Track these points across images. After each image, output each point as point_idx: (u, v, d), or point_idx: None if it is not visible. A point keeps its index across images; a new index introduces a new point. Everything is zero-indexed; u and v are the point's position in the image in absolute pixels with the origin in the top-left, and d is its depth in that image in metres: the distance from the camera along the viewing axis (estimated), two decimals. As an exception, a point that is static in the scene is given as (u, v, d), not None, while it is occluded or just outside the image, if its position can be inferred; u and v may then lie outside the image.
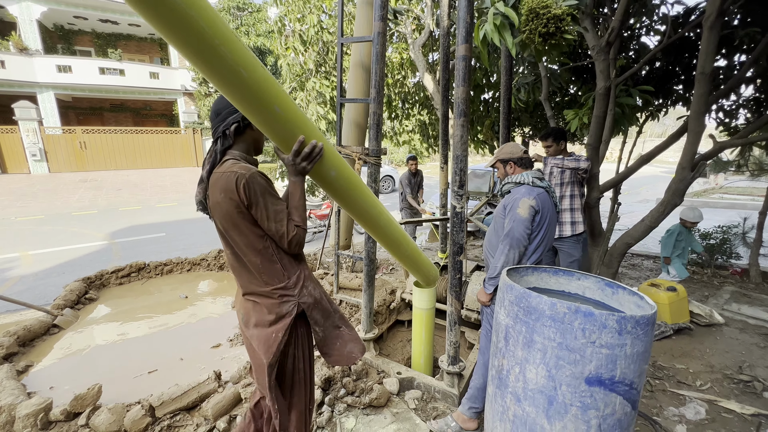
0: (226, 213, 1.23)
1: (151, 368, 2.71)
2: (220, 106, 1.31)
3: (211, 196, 1.26)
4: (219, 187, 1.22)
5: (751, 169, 4.62)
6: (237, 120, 1.29)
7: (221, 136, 1.30)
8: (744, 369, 2.60)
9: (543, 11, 2.06)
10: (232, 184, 1.19)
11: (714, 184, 13.52)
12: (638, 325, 1.32)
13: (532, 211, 1.85)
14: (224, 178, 1.21)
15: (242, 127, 1.32)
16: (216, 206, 1.25)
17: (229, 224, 1.25)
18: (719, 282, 4.31)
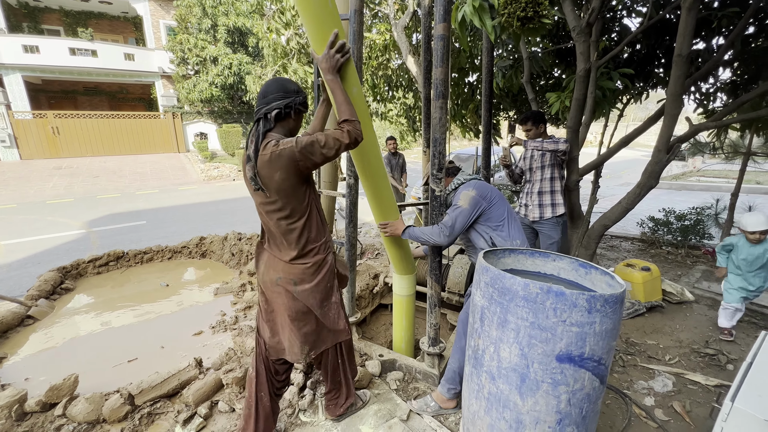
0: (283, 184, 1.41)
1: (131, 357, 2.68)
2: (269, 90, 1.45)
3: (266, 171, 1.41)
4: (276, 165, 1.38)
5: (726, 151, 4.74)
6: (280, 107, 1.44)
7: (263, 117, 1.45)
8: (710, 343, 2.73)
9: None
10: (284, 157, 1.38)
11: (692, 168, 13.89)
12: (607, 303, 1.35)
13: (473, 201, 1.94)
14: (276, 157, 1.38)
15: (283, 114, 1.47)
16: (271, 181, 1.41)
17: (285, 193, 1.44)
18: (692, 261, 4.47)
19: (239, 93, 16.42)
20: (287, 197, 1.45)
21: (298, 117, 1.54)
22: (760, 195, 9.15)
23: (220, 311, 3.30)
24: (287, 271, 1.56)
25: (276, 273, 1.58)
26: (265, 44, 6.95)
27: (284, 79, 1.50)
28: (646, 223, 5.16)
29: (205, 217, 7.60)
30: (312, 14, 1.42)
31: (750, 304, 3.33)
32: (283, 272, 1.56)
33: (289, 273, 1.56)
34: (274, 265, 1.58)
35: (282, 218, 1.48)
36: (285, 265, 1.56)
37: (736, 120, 3.28)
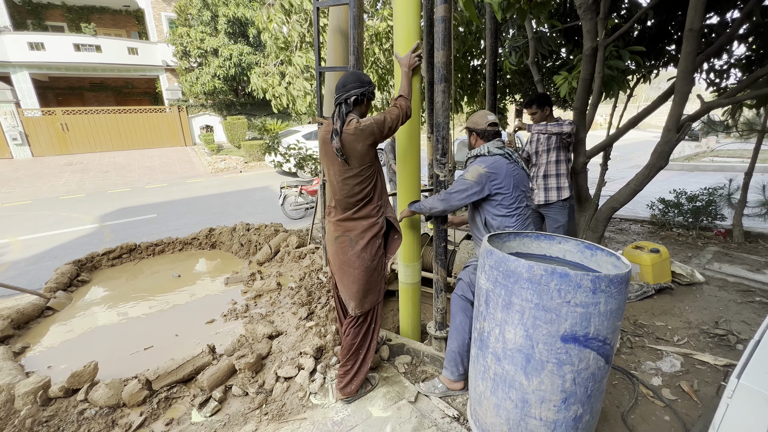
0: (363, 154, 1.77)
1: (147, 345, 2.77)
2: (348, 80, 1.80)
3: (351, 144, 1.75)
4: (360, 138, 1.74)
5: (741, 130, 4.61)
6: (357, 94, 1.79)
7: (343, 102, 1.78)
8: (720, 324, 2.71)
9: None
10: (372, 129, 1.75)
11: (705, 148, 13.53)
12: (611, 283, 1.35)
13: (479, 178, 1.90)
14: (359, 131, 1.74)
15: (359, 100, 1.82)
16: (354, 151, 1.76)
17: (362, 161, 1.78)
18: (703, 243, 4.41)
19: (242, 84, 16.36)
20: (363, 165, 1.79)
21: (369, 103, 1.90)
22: (776, 174, 8.90)
23: (231, 300, 3.37)
24: (347, 228, 1.89)
25: (337, 231, 1.91)
26: (266, 35, 6.88)
27: (360, 72, 1.87)
28: (656, 205, 5.08)
29: (213, 209, 7.69)
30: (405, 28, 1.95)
31: (761, 284, 3.29)
32: (343, 230, 1.90)
33: (348, 230, 1.89)
34: (337, 226, 1.92)
35: (357, 183, 1.81)
36: (346, 223, 1.89)
37: (751, 95, 3.18)
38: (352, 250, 1.88)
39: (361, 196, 1.84)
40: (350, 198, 1.85)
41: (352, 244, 1.88)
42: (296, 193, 6.54)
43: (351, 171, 1.80)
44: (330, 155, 1.83)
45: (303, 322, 2.80)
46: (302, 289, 3.29)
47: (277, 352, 2.50)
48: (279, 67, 7.52)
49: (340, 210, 1.91)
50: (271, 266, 4.11)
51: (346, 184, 1.83)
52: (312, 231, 4.52)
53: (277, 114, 18.20)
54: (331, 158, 1.83)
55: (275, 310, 3.09)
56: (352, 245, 1.88)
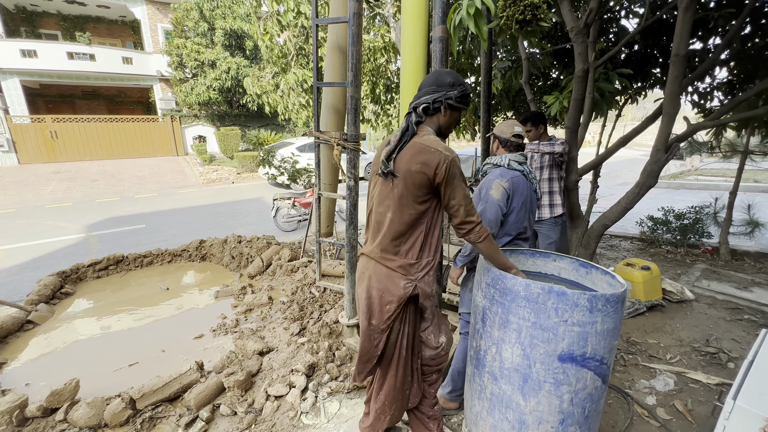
0: (414, 180, 1.35)
1: (132, 361, 2.67)
2: (424, 82, 1.44)
3: (406, 160, 1.36)
4: (420, 158, 1.34)
5: (724, 150, 4.76)
6: (428, 101, 1.40)
7: (413, 111, 1.42)
8: (711, 342, 2.73)
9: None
10: (434, 161, 1.32)
11: (690, 166, 13.92)
12: (608, 303, 1.35)
13: (504, 193, 1.84)
14: (428, 153, 1.34)
15: (431, 109, 1.42)
16: (408, 172, 1.36)
17: (409, 189, 1.37)
18: (691, 260, 4.48)
19: (237, 96, 16.42)
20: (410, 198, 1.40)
21: (452, 112, 1.45)
22: (759, 193, 9.17)
23: (221, 314, 3.29)
24: (366, 263, 1.55)
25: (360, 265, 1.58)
26: (263, 46, 6.96)
27: (443, 72, 1.45)
28: (645, 222, 5.18)
29: (204, 220, 7.59)
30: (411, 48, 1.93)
31: (749, 302, 3.34)
32: (366, 264, 1.55)
33: (367, 267, 1.54)
34: (362, 258, 1.58)
35: (391, 214, 1.42)
36: (369, 259, 1.53)
37: (734, 119, 3.29)
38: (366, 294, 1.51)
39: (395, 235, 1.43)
40: (382, 231, 1.46)
41: (366, 283, 1.52)
42: (289, 206, 6.50)
43: (393, 199, 1.41)
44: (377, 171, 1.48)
45: (295, 338, 2.75)
46: (294, 304, 3.23)
47: (267, 369, 2.44)
48: (275, 78, 7.59)
49: (373, 237, 1.53)
50: (263, 280, 4.05)
51: (387, 209, 1.44)
52: (305, 244, 4.48)
53: (271, 126, 18.26)
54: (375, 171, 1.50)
55: (266, 325, 3.03)
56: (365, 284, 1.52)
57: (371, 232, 1.52)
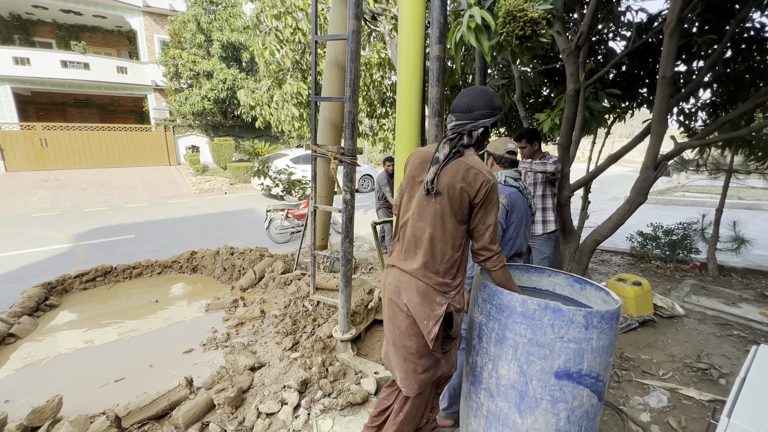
0: (456, 197, 1.37)
1: (118, 377, 2.60)
2: (476, 104, 1.39)
3: (449, 177, 1.37)
4: (463, 176, 1.36)
5: (709, 168, 4.90)
6: (487, 125, 1.40)
7: (467, 134, 1.41)
8: (702, 357, 2.76)
9: (520, 14, 2.10)
10: (478, 182, 1.35)
11: (676, 183, 14.26)
12: (603, 319, 1.37)
13: (503, 210, 1.86)
14: (472, 173, 1.36)
15: (486, 133, 1.43)
16: (451, 187, 1.37)
17: (452, 207, 1.38)
18: (680, 276, 4.55)
19: (232, 107, 16.48)
20: (452, 216, 1.39)
21: (488, 135, 1.48)
22: (743, 210, 9.42)
23: (212, 328, 3.23)
24: (399, 278, 1.51)
25: (389, 278, 1.55)
26: (261, 62, 7.03)
27: (491, 93, 1.42)
28: (635, 237, 5.26)
29: (196, 231, 7.50)
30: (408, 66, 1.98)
31: (738, 318, 3.39)
32: (398, 279, 1.52)
33: (400, 281, 1.51)
34: (392, 272, 1.55)
35: (430, 232, 1.41)
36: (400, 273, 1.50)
37: (718, 139, 3.40)
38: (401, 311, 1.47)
39: (433, 254, 1.42)
40: (420, 248, 1.44)
41: (399, 299, 1.47)
42: (282, 217, 6.47)
43: (434, 216, 1.40)
44: (415, 184, 1.47)
45: (287, 352, 2.70)
46: (287, 318, 3.19)
47: (259, 385, 2.39)
48: (270, 91, 7.64)
49: (407, 255, 1.48)
50: (255, 292, 3.99)
51: (428, 225, 1.42)
52: (298, 256, 4.45)
53: (265, 137, 18.29)
54: (416, 189, 1.47)
55: (258, 340, 2.98)
56: (404, 301, 1.46)
57: (406, 245, 1.48)
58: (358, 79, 2.25)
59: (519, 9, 2.06)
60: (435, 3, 1.88)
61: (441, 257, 1.42)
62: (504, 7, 2.08)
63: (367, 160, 18.41)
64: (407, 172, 1.52)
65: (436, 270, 1.43)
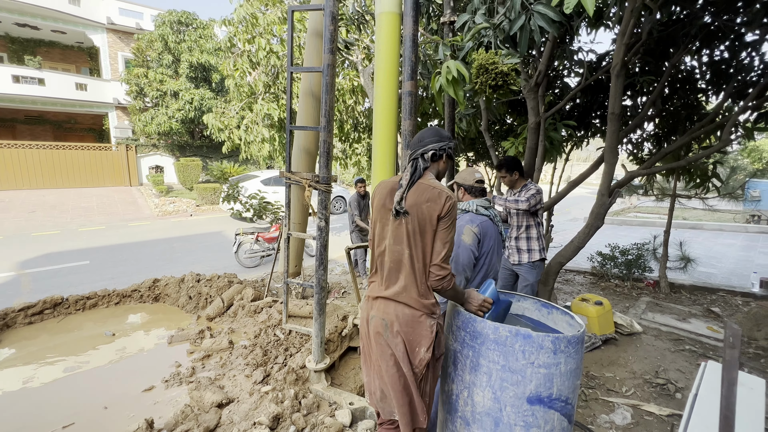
0: (424, 215, 1.46)
1: (67, 422, 2.36)
2: (425, 135, 1.60)
3: (415, 198, 1.48)
4: (428, 195, 1.47)
5: (656, 193, 5.35)
6: (435, 149, 1.56)
7: (420, 157, 1.56)
8: (660, 373, 2.92)
9: (491, 67, 2.26)
10: (441, 198, 1.46)
11: (629, 204, 15.38)
12: (570, 344, 1.44)
13: (475, 238, 1.94)
14: (435, 191, 1.48)
15: (437, 156, 1.59)
16: (417, 207, 1.46)
17: (423, 227, 1.47)
18: (637, 293, 4.85)
19: (200, 127, 16.12)
20: (425, 236, 1.47)
21: (448, 160, 1.64)
22: (688, 230, 10.26)
23: (175, 362, 3.04)
24: (383, 309, 1.54)
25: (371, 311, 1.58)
26: (231, 82, 7.01)
27: (439, 129, 1.64)
28: (595, 257, 5.57)
29: (158, 256, 7.13)
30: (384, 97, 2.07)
31: (688, 333, 3.64)
32: (382, 310, 1.55)
33: (384, 312, 1.54)
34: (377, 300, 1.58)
35: (408, 255, 1.48)
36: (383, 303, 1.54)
37: (662, 168, 3.74)
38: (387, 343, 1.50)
39: (414, 276, 1.47)
40: (400, 272, 1.50)
41: (387, 332, 1.50)
42: (252, 240, 6.31)
43: (407, 237, 1.47)
44: (386, 212, 1.54)
45: (258, 386, 2.59)
46: (257, 348, 3.07)
47: (227, 423, 2.26)
48: (240, 112, 7.59)
49: (388, 281, 1.54)
50: (223, 322, 3.82)
51: (405, 247, 1.48)
52: (270, 282, 4.33)
53: (234, 158, 17.96)
54: (387, 216, 1.54)
55: (226, 373, 2.83)
56: (391, 333, 1.49)
57: (387, 272, 1.53)
58: (333, 110, 2.31)
59: (490, 62, 2.22)
60: (407, 43, 2.00)
61: (420, 277, 1.49)
62: (477, 61, 2.24)
63: (340, 182, 18.46)
64: (376, 203, 1.60)
65: (419, 292, 1.49)
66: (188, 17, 15.54)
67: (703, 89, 3.91)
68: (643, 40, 3.06)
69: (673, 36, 3.41)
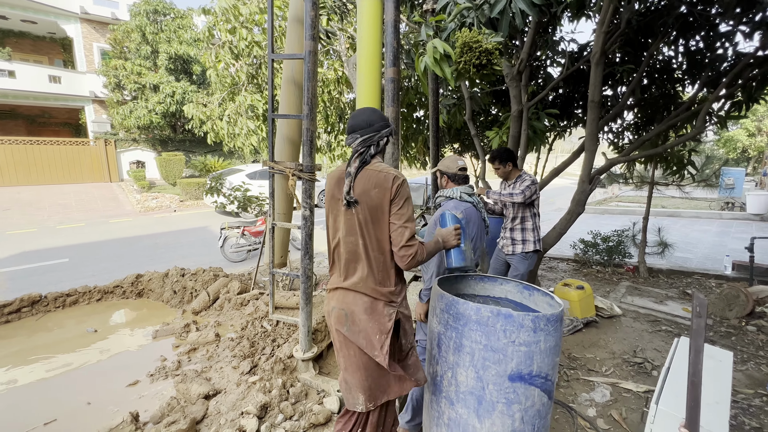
0: (376, 204, 1.42)
1: (49, 419, 2.32)
2: (373, 119, 1.51)
3: (362, 185, 1.44)
4: (375, 181, 1.43)
5: (635, 181, 5.50)
6: (387, 134, 1.52)
7: (375, 144, 1.50)
8: (637, 353, 3.04)
9: (475, 45, 2.26)
10: (388, 181, 1.42)
11: (611, 194, 15.73)
12: (549, 322, 1.48)
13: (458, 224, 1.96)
14: (381, 176, 1.44)
15: (386, 143, 1.55)
16: (366, 196, 1.43)
17: (374, 215, 1.43)
18: (617, 278, 5.00)
19: (182, 120, 15.73)
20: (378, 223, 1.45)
21: (388, 143, 1.60)
22: (666, 217, 10.58)
23: (160, 356, 3.00)
24: (341, 300, 1.53)
25: (332, 302, 1.56)
26: (213, 73, 6.84)
27: (377, 111, 1.56)
28: (578, 245, 5.71)
29: (141, 253, 6.98)
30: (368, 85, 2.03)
31: (665, 314, 3.78)
32: (341, 300, 1.54)
33: (343, 302, 1.52)
34: (333, 294, 1.57)
35: (362, 245, 1.46)
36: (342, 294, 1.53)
37: (640, 156, 3.84)
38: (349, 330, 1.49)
39: (371, 265, 1.47)
40: (357, 262, 1.49)
41: (347, 322, 1.49)
42: (238, 235, 6.23)
43: (360, 227, 1.45)
44: (337, 202, 1.51)
45: (245, 377, 2.59)
46: (244, 340, 3.06)
47: (214, 413, 2.25)
48: (223, 105, 7.44)
49: (346, 272, 1.53)
50: (209, 315, 3.78)
51: (359, 237, 1.47)
52: (256, 275, 4.30)
53: (218, 152, 17.61)
54: (339, 206, 1.51)
55: (213, 365, 2.82)
56: (353, 324, 1.48)
57: (344, 264, 1.52)
58: (316, 98, 2.29)
59: (474, 41, 2.22)
60: (388, 28, 1.99)
61: (377, 266, 1.47)
62: (461, 39, 2.24)
63: (326, 175, 18.31)
64: (327, 194, 1.56)
65: (377, 280, 1.48)
66: (165, 7, 15.03)
67: (679, 79, 4.02)
68: (622, 29, 3.12)
69: (650, 25, 3.48)
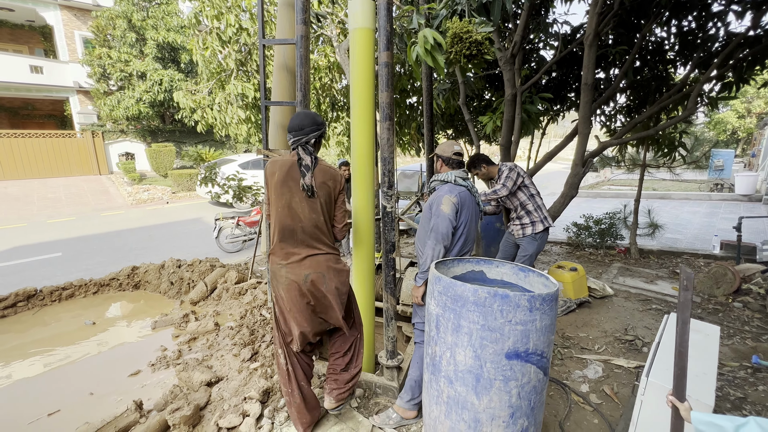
0: (329, 192, 1.88)
1: (52, 410, 2.34)
2: (304, 123, 1.85)
3: (319, 178, 1.84)
4: (329, 175, 1.88)
5: (627, 164, 5.55)
6: (315, 137, 1.87)
7: (307, 144, 1.84)
8: (628, 331, 3.13)
9: (466, 36, 2.25)
10: (337, 177, 1.91)
11: (603, 177, 15.86)
12: (544, 302, 1.52)
13: (454, 208, 1.98)
14: (333, 172, 1.90)
15: (318, 143, 1.92)
16: (324, 186, 1.86)
17: (329, 199, 1.89)
18: (609, 260, 5.09)
19: (171, 110, 15.41)
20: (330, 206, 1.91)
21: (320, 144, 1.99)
22: (657, 200, 10.73)
23: (161, 346, 3.03)
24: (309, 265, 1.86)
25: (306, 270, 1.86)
26: (200, 59, 6.68)
27: (313, 114, 1.90)
28: (571, 228, 5.78)
29: (135, 245, 6.93)
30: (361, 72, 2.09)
31: (655, 294, 3.88)
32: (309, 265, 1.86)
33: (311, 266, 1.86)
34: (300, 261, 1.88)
35: (319, 220, 1.87)
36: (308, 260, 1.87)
37: (631, 138, 3.87)
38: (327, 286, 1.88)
39: (325, 233, 1.90)
40: (315, 233, 1.88)
41: (325, 281, 1.87)
42: (233, 225, 6.21)
43: (320, 208, 1.86)
44: (292, 189, 1.82)
45: (246, 363, 2.62)
46: (244, 328, 3.08)
47: (217, 400, 2.29)
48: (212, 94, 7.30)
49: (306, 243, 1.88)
50: (207, 305, 3.80)
51: (319, 215, 1.88)
52: (253, 264, 4.31)
53: (209, 142, 17.35)
54: (295, 192, 1.82)
55: (214, 354, 2.85)
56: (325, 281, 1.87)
57: (309, 237, 1.86)
58: (309, 84, 2.26)
59: (465, 31, 2.20)
60: (381, 12, 1.96)
61: (329, 235, 1.94)
62: (451, 29, 2.22)
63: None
64: (277, 180, 1.83)
65: (330, 245, 1.93)
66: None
67: (672, 60, 4.03)
68: (615, 10, 3.11)
69: (644, 6, 3.47)
